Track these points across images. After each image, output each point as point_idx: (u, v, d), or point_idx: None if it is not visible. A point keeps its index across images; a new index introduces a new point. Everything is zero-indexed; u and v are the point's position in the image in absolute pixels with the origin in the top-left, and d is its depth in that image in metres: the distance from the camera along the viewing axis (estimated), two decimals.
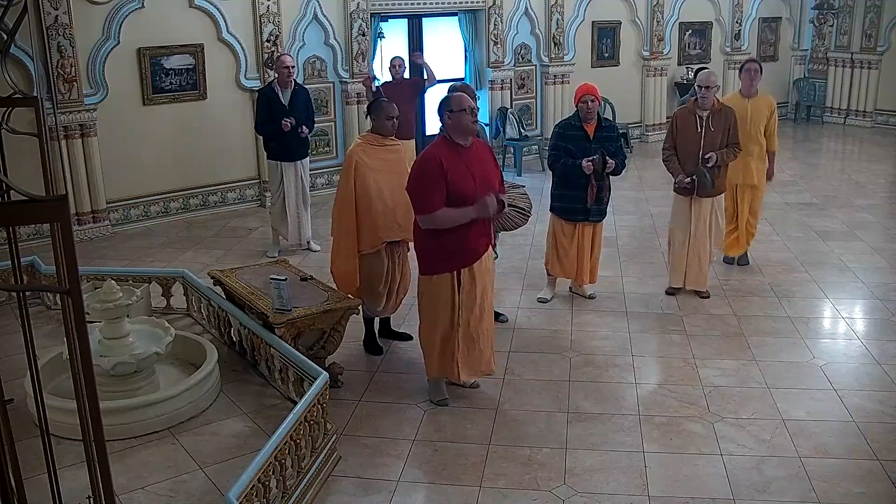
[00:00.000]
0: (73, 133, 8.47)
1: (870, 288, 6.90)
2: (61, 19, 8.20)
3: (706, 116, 6.34)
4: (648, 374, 5.40)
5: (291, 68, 7.67)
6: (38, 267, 6.60)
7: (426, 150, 4.78)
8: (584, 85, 6.37)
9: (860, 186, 10.54)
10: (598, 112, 6.26)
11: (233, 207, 9.78)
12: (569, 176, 6.20)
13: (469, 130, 4.69)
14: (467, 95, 4.80)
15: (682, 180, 6.40)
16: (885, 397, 5.04)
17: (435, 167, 4.59)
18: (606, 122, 6.41)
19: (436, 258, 4.74)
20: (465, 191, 4.61)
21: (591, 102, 6.13)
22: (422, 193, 4.63)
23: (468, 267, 4.76)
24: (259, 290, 5.41)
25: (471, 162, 4.70)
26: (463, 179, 4.61)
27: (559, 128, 6.36)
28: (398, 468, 4.34)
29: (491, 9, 11.39)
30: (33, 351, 2.80)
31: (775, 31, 15.15)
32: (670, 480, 4.20)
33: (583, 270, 6.52)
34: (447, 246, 4.69)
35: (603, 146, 6.15)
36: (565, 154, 6.17)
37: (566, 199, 6.32)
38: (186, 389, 4.81)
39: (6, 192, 2.40)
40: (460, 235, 4.66)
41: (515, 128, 11.64)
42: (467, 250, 4.74)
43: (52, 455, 2.84)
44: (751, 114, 6.91)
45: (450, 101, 4.71)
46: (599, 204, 6.36)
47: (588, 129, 6.20)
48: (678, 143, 6.46)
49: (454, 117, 4.66)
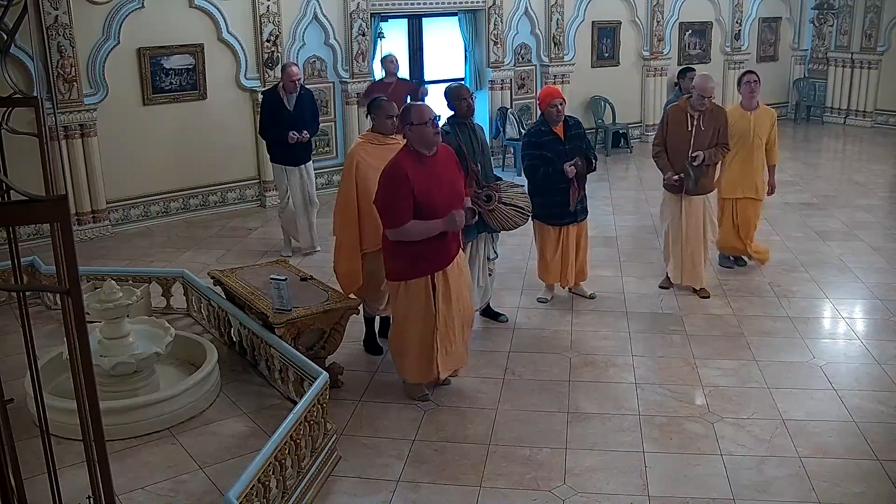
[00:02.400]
0: (73, 133, 8.48)
1: (870, 288, 6.90)
2: (61, 19, 8.20)
3: (697, 116, 6.35)
4: (648, 374, 5.39)
5: (297, 81, 7.62)
6: (38, 267, 6.60)
7: (391, 162, 4.73)
8: (547, 88, 6.45)
9: (860, 186, 10.54)
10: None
11: (233, 207, 9.78)
12: (549, 182, 6.17)
13: (431, 143, 4.67)
14: (429, 107, 4.75)
15: (670, 177, 6.43)
16: (885, 397, 5.04)
17: (401, 179, 4.58)
18: (573, 121, 6.37)
19: (408, 264, 4.74)
20: (432, 199, 4.62)
21: (560, 106, 6.16)
22: (389, 207, 4.64)
23: (441, 271, 4.77)
24: (259, 290, 5.41)
25: (436, 170, 4.71)
26: (430, 188, 4.62)
27: (530, 136, 6.32)
28: (398, 468, 4.34)
29: (491, 9, 11.39)
30: (33, 351, 2.80)
31: (775, 31, 15.15)
32: (670, 480, 4.20)
33: (567, 273, 6.48)
34: (419, 252, 4.69)
35: (575, 145, 6.18)
36: (542, 162, 6.14)
37: (550, 206, 6.25)
38: (186, 389, 4.81)
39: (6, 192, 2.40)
40: (432, 241, 4.68)
41: (515, 128, 11.63)
42: (439, 255, 4.76)
43: (52, 455, 2.84)
44: (753, 127, 6.89)
45: (411, 114, 4.66)
46: (581, 202, 6.38)
47: (558, 130, 6.21)
48: (668, 141, 6.47)
49: (416, 130, 4.64)
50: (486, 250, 6.01)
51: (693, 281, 6.68)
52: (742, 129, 6.85)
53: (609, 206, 9.64)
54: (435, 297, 4.77)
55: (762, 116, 6.95)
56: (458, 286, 4.88)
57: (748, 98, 6.92)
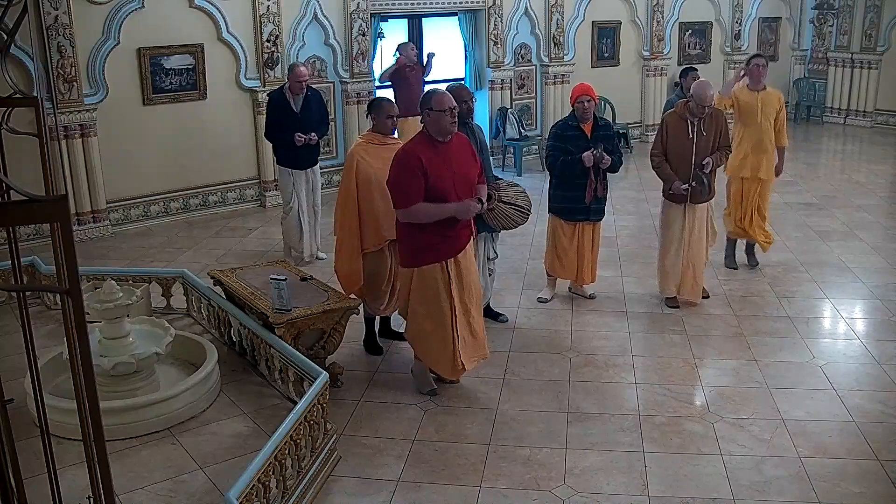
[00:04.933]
0: (73, 133, 8.47)
1: (870, 288, 6.90)
2: (61, 19, 8.20)
3: (697, 122, 6.22)
4: (648, 374, 5.39)
5: (304, 82, 7.39)
6: (38, 267, 6.60)
7: (405, 146, 4.83)
8: (579, 85, 6.39)
9: (860, 186, 10.54)
10: (594, 112, 6.27)
11: (233, 207, 9.78)
12: (568, 175, 6.19)
13: (446, 131, 4.72)
14: (450, 95, 4.78)
15: (678, 187, 6.21)
16: (885, 397, 5.04)
17: (414, 163, 4.64)
18: (603, 121, 6.42)
19: (421, 250, 4.78)
20: (443, 186, 4.66)
21: (587, 103, 6.14)
22: (401, 188, 4.69)
23: (454, 258, 4.80)
24: (259, 290, 5.41)
25: (449, 157, 4.76)
26: (441, 175, 4.66)
27: (557, 129, 6.36)
28: (398, 468, 4.34)
29: (491, 9, 11.39)
30: (33, 351, 2.80)
31: (775, 31, 15.15)
32: (670, 480, 4.20)
33: (583, 271, 6.52)
34: (432, 238, 4.73)
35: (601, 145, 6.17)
36: (564, 154, 6.17)
37: (567, 200, 6.32)
38: (186, 389, 4.81)
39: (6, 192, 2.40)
40: (444, 227, 4.72)
41: (515, 128, 11.64)
42: (451, 241, 4.79)
43: (52, 455, 2.84)
44: (761, 106, 6.90)
45: (431, 100, 4.72)
46: (599, 203, 6.36)
47: (585, 128, 6.21)
48: (669, 149, 6.29)
49: (434, 115, 4.70)
50: (486, 250, 6.01)
51: (692, 296, 6.48)
52: (749, 108, 6.88)
53: (609, 206, 9.48)
54: (450, 286, 4.79)
55: (770, 97, 6.97)
56: (468, 273, 4.91)
57: (756, 79, 6.95)
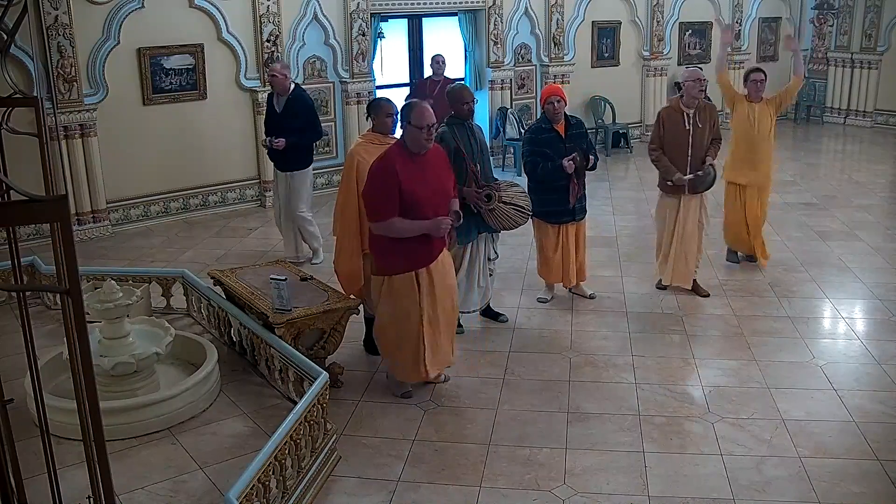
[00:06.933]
0: (73, 133, 8.47)
1: (870, 288, 6.90)
2: (61, 19, 8.20)
3: (692, 113, 6.35)
4: (648, 374, 5.39)
5: (277, 76, 7.32)
6: (38, 267, 6.60)
7: (381, 156, 4.79)
8: (549, 86, 6.49)
9: (860, 186, 10.54)
10: (563, 112, 6.27)
11: (233, 207, 9.78)
12: (548, 179, 6.18)
13: (421, 147, 4.72)
14: (431, 111, 4.76)
15: (680, 179, 6.35)
16: (885, 397, 5.04)
17: (389, 174, 4.62)
18: (574, 120, 6.39)
19: (393, 258, 4.76)
20: (418, 196, 4.65)
21: (556, 103, 6.17)
22: (375, 200, 4.68)
23: (425, 268, 4.78)
24: (259, 290, 5.41)
25: (425, 168, 4.75)
26: (417, 186, 4.65)
27: (531, 133, 6.36)
28: (398, 468, 4.34)
29: (491, 9, 11.39)
30: (33, 351, 2.80)
31: (775, 31, 15.14)
32: (670, 480, 4.20)
33: (568, 272, 6.49)
34: (404, 246, 4.72)
35: (576, 143, 6.18)
36: (542, 158, 6.15)
37: (549, 203, 6.25)
38: (186, 389, 4.81)
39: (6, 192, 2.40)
40: (416, 237, 4.70)
41: (515, 128, 11.63)
42: (423, 251, 4.77)
43: (52, 455, 2.84)
44: (757, 117, 6.97)
45: (411, 114, 4.71)
46: (581, 201, 6.37)
47: (559, 129, 6.23)
48: (666, 142, 6.43)
49: (411, 131, 4.70)
50: (487, 250, 6.00)
51: (682, 281, 6.65)
52: (743, 119, 6.97)
53: (609, 206, 9.64)
54: (420, 296, 4.78)
55: (765, 111, 7.01)
56: (442, 286, 4.88)
57: (754, 93, 7.01)
